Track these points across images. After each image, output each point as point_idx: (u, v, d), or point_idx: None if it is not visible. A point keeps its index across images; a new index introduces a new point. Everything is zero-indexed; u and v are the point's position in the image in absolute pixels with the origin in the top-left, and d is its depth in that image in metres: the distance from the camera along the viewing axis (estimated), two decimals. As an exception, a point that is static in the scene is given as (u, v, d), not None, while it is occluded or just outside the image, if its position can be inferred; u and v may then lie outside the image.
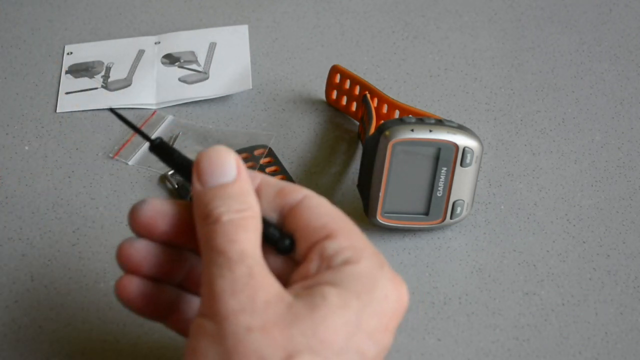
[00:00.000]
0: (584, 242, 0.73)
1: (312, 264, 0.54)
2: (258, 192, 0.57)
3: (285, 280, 0.55)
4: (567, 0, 0.93)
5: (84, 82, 0.85)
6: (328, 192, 0.76)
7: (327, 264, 0.54)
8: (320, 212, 0.56)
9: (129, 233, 0.73)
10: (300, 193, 0.56)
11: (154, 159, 0.78)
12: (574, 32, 0.90)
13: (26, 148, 0.79)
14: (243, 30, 0.89)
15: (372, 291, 0.53)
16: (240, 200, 0.55)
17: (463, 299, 0.70)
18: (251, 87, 0.84)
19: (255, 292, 0.52)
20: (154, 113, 0.82)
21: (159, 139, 0.58)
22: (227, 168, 0.56)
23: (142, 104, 0.83)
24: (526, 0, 0.93)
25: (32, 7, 0.91)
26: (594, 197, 0.76)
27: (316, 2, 0.92)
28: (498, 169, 0.78)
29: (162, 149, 0.58)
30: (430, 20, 0.91)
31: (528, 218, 0.75)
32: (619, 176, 0.78)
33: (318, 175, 0.78)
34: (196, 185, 0.55)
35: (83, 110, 0.82)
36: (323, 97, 0.83)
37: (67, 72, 0.85)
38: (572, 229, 0.74)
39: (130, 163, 0.78)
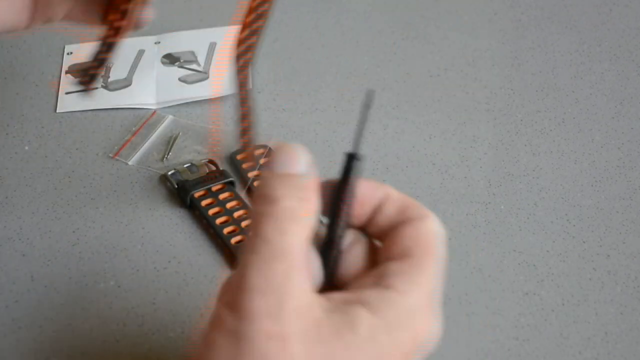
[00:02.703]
0: (584, 242, 0.73)
1: (370, 277, 0.52)
2: (381, 205, 0.55)
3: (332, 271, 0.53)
4: (567, 0, 0.93)
5: (84, 82, 0.84)
6: (328, 192, 0.76)
7: (378, 280, 0.52)
8: (418, 235, 0.53)
9: (129, 233, 0.73)
10: (421, 213, 0.54)
11: (153, 158, 0.79)
12: (574, 32, 0.90)
13: (26, 148, 0.79)
14: (243, 30, 0.89)
15: (404, 329, 0.51)
16: (305, 192, 0.53)
17: (463, 299, 0.70)
18: (251, 87, 0.84)
19: (286, 298, 0.50)
20: (153, 113, 0.82)
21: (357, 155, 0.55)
22: (299, 160, 0.54)
23: (142, 104, 0.83)
24: (526, 0, 0.93)
25: (32, 7, 0.91)
26: (594, 197, 0.76)
27: (316, 2, 0.92)
28: (498, 169, 0.78)
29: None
30: (430, 20, 0.91)
31: (528, 218, 0.75)
32: (619, 176, 0.78)
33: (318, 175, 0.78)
34: (264, 171, 0.53)
35: (83, 110, 0.82)
36: (323, 96, 0.83)
37: (67, 72, 0.85)
38: (572, 229, 0.74)
39: (130, 163, 0.78)
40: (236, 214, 0.73)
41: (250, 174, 0.77)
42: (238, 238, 0.72)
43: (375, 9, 0.92)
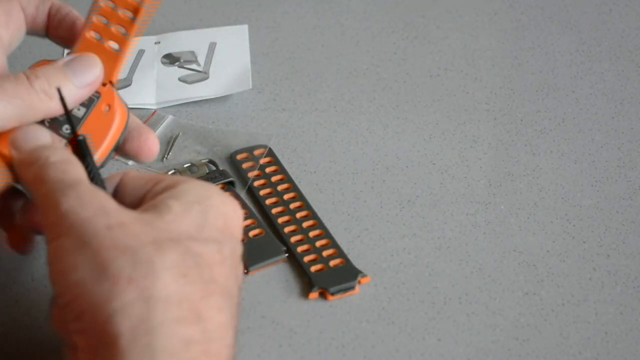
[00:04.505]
0: (584, 242, 0.73)
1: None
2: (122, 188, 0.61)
3: None
4: (567, 0, 0.93)
5: (84, 82, 0.84)
6: (328, 192, 0.76)
7: (157, 193, 0.58)
8: (141, 177, 0.61)
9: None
10: (121, 173, 0.62)
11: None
12: (574, 32, 0.90)
13: (26, 148, 0.79)
14: (243, 30, 0.89)
15: (208, 199, 0.57)
16: (62, 151, 0.60)
17: (463, 299, 0.70)
18: (251, 87, 0.84)
19: (103, 202, 0.56)
20: (153, 113, 0.82)
21: (83, 137, 0.61)
22: (40, 134, 0.62)
23: (142, 104, 0.83)
24: (526, 0, 0.93)
25: (32, 7, 0.91)
26: (594, 197, 0.76)
27: (316, 2, 0.92)
28: (498, 169, 0.78)
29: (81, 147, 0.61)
30: (430, 20, 0.91)
31: (528, 218, 0.75)
32: (619, 176, 0.78)
33: (318, 175, 0.78)
34: (14, 153, 0.61)
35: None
36: (323, 96, 0.83)
37: (67, 72, 0.85)
38: (572, 229, 0.74)
39: (130, 163, 0.78)
40: (236, 214, 0.73)
41: (251, 174, 0.77)
42: (238, 238, 0.72)
43: (375, 9, 0.92)
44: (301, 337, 0.67)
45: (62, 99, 0.61)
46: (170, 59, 0.86)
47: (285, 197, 0.75)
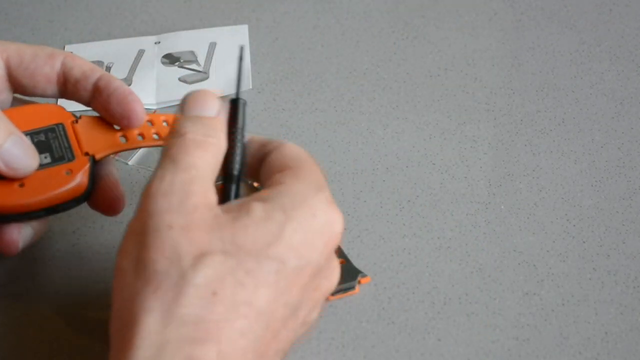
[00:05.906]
0: (584, 242, 0.73)
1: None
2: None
3: None
4: (567, 0, 0.93)
5: (84, 82, 0.84)
6: (328, 192, 0.76)
7: (265, 189, 0.57)
8: (286, 154, 0.59)
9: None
10: (278, 142, 0.60)
11: (154, 159, 0.79)
12: (574, 32, 0.90)
13: (26, 148, 0.79)
14: (243, 30, 0.89)
15: (298, 208, 0.55)
16: (210, 129, 0.58)
17: (463, 299, 0.70)
18: (251, 87, 0.84)
19: (187, 197, 0.54)
20: (154, 113, 0.82)
21: (244, 101, 0.60)
22: (208, 104, 0.59)
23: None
24: (526, 0, 0.93)
25: (32, 7, 0.91)
26: (594, 197, 0.76)
27: (316, 2, 0.92)
28: (498, 169, 0.78)
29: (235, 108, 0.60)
30: (430, 20, 0.91)
31: (528, 218, 0.75)
32: (619, 176, 0.78)
33: (318, 175, 0.78)
34: (177, 115, 0.59)
35: (83, 110, 0.82)
36: (323, 96, 0.83)
37: (67, 72, 0.85)
38: (572, 229, 0.74)
39: (130, 163, 0.78)
40: (236, 214, 0.73)
41: (250, 174, 0.76)
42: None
43: (375, 9, 0.92)
44: (301, 337, 0.67)
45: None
46: (170, 59, 0.86)
47: (285, 197, 0.75)
